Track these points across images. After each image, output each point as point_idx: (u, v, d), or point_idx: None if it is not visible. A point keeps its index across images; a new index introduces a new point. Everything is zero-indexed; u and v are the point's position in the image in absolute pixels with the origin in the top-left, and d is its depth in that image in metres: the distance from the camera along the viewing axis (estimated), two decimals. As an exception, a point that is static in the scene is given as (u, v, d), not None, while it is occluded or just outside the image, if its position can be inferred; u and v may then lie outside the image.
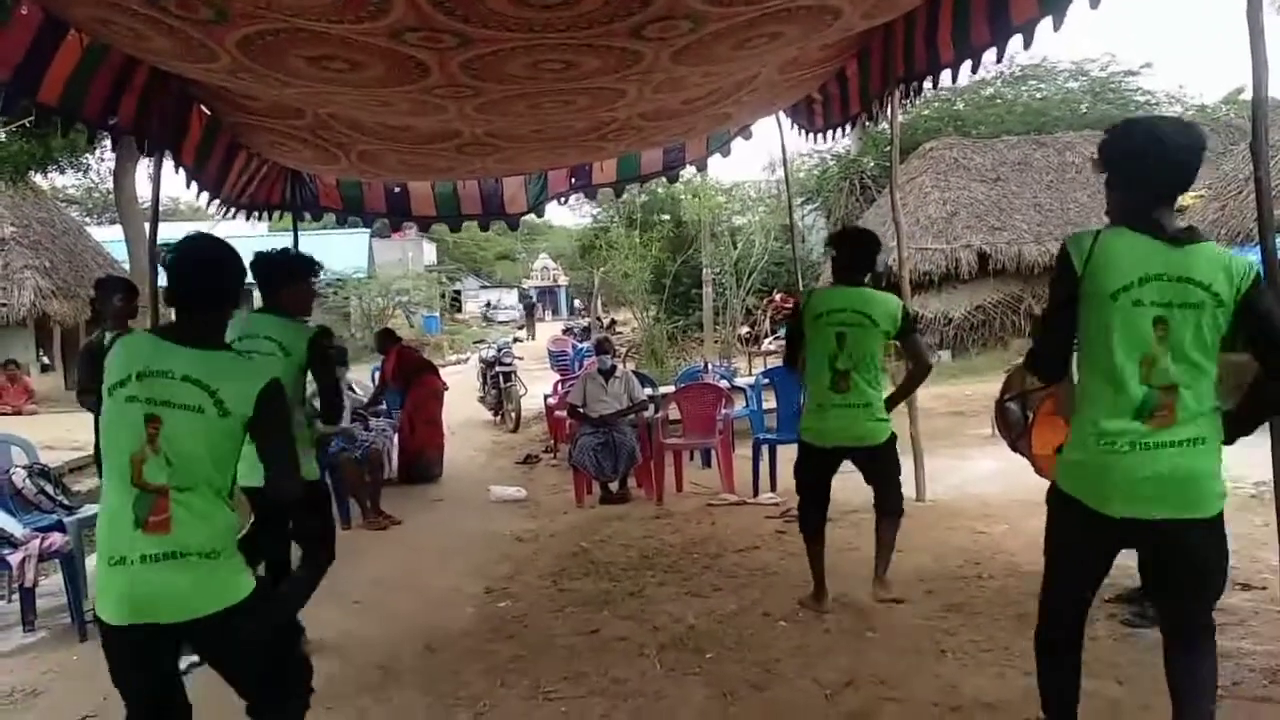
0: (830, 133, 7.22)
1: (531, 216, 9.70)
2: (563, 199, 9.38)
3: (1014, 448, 4.45)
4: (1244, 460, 7.08)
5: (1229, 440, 2.66)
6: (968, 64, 4.91)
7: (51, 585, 5.44)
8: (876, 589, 4.63)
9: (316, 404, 4.54)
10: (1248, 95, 3.45)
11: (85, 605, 5.01)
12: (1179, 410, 2.53)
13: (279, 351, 4.14)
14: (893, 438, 4.62)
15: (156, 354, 2.43)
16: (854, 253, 4.60)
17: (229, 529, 2.47)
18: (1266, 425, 3.36)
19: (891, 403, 4.65)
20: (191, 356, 2.44)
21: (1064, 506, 2.71)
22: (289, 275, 4.40)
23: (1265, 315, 2.56)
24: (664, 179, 9.53)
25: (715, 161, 8.73)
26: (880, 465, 4.61)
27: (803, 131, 7.66)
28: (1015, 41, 4.40)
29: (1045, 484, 4.26)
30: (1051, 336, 2.77)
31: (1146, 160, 2.53)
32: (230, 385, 2.44)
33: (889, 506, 4.64)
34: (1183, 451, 2.53)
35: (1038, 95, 24.81)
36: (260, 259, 4.28)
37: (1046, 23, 4.09)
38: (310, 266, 4.54)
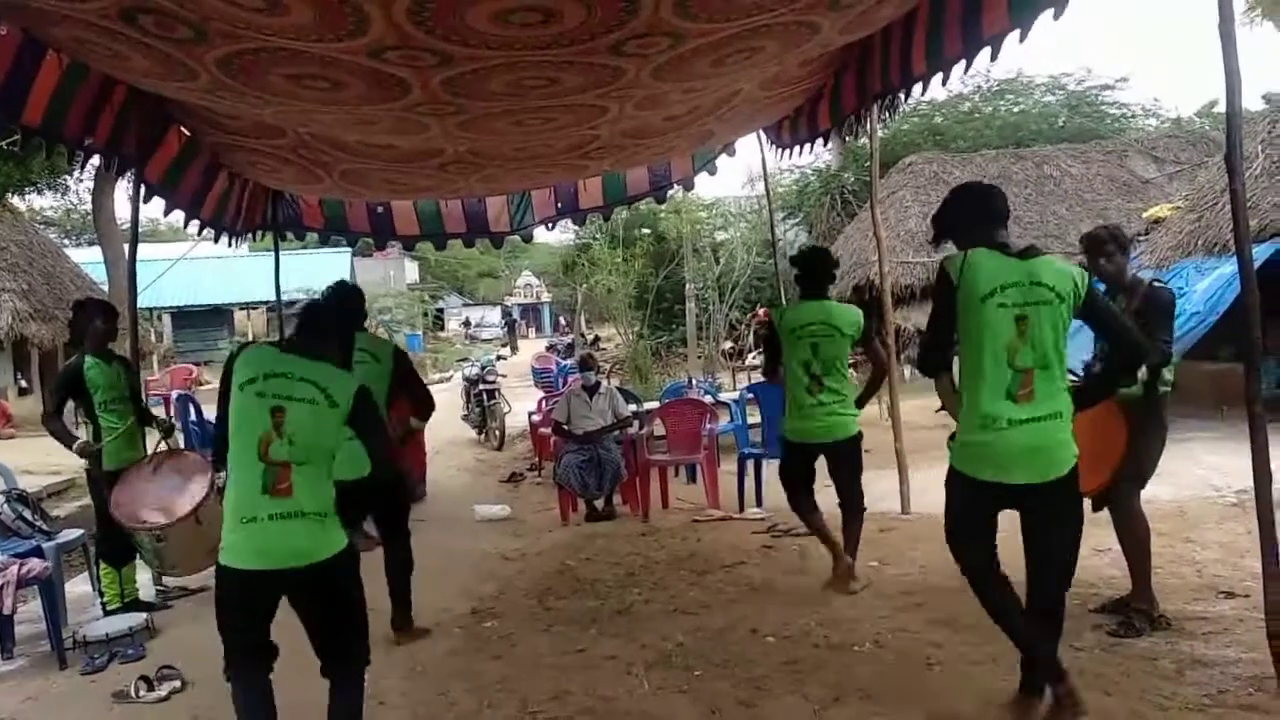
0: (799, 148, 7.25)
1: (515, 234, 9.67)
2: (550, 225, 9.36)
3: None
4: (1225, 469, 7.15)
5: (1080, 408, 3.30)
6: (938, 76, 4.95)
7: (30, 612, 5.36)
8: (850, 584, 5.06)
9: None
10: (1222, 108, 3.49)
11: (65, 632, 4.95)
12: (1037, 388, 3.17)
13: (371, 360, 4.87)
14: (860, 435, 5.19)
15: (279, 360, 3.18)
16: (817, 270, 5.24)
17: (332, 496, 3.17)
18: (1247, 433, 3.39)
19: (860, 403, 5.27)
20: (305, 363, 3.17)
21: (960, 480, 3.34)
22: (364, 304, 5.28)
23: (1103, 311, 3.32)
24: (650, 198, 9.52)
25: (698, 178, 8.75)
26: (846, 461, 5.15)
27: (773, 146, 7.71)
28: (984, 55, 4.45)
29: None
30: (936, 337, 3.43)
31: (982, 203, 3.41)
32: (335, 385, 3.16)
33: (853, 505, 5.18)
34: (1044, 426, 3.17)
35: (1015, 109, 25.04)
36: (347, 290, 5.09)
37: (1014, 35, 4.13)
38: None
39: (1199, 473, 7.23)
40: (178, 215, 6.47)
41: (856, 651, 4.24)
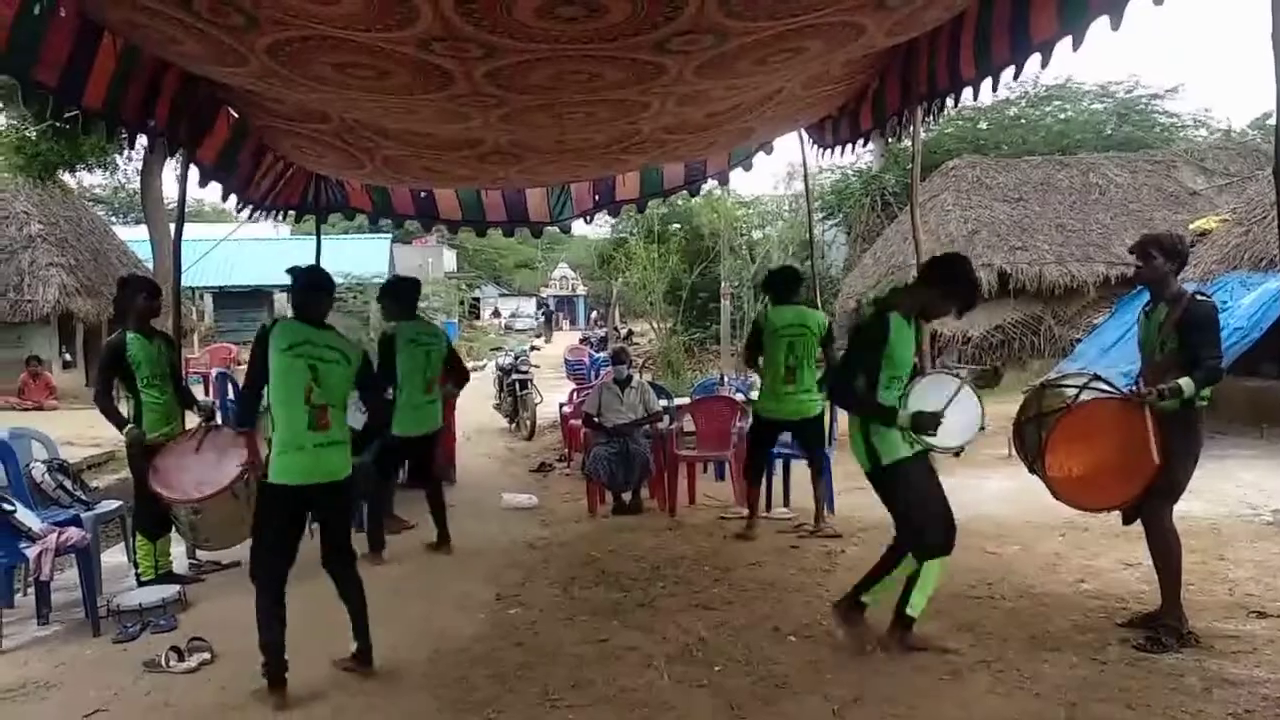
0: (840, 148, 7.23)
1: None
2: (588, 217, 9.40)
3: (1031, 470, 4.44)
4: (1263, 487, 7.02)
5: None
6: (988, 82, 4.92)
7: (67, 580, 5.49)
8: (821, 525, 6.46)
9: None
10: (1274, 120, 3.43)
11: (99, 600, 5.06)
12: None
13: (436, 343, 6.49)
14: (822, 413, 6.49)
15: (305, 331, 4.09)
16: (789, 284, 6.53)
17: (349, 429, 4.22)
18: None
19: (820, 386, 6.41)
20: (323, 334, 4.14)
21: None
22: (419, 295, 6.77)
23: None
24: (685, 192, 9.58)
25: (734, 175, 8.75)
26: (812, 432, 6.49)
27: (813, 145, 7.69)
28: (1035, 60, 4.40)
29: (1060, 506, 4.28)
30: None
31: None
32: (348, 349, 4.19)
33: (817, 465, 6.51)
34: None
35: (1061, 116, 24.71)
36: (410, 283, 6.78)
37: (1065, 42, 4.08)
38: None
39: (1235, 490, 7.12)
40: (214, 193, 6.60)
41: (879, 655, 4.23)
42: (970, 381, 4.24)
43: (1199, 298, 4.20)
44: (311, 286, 4.23)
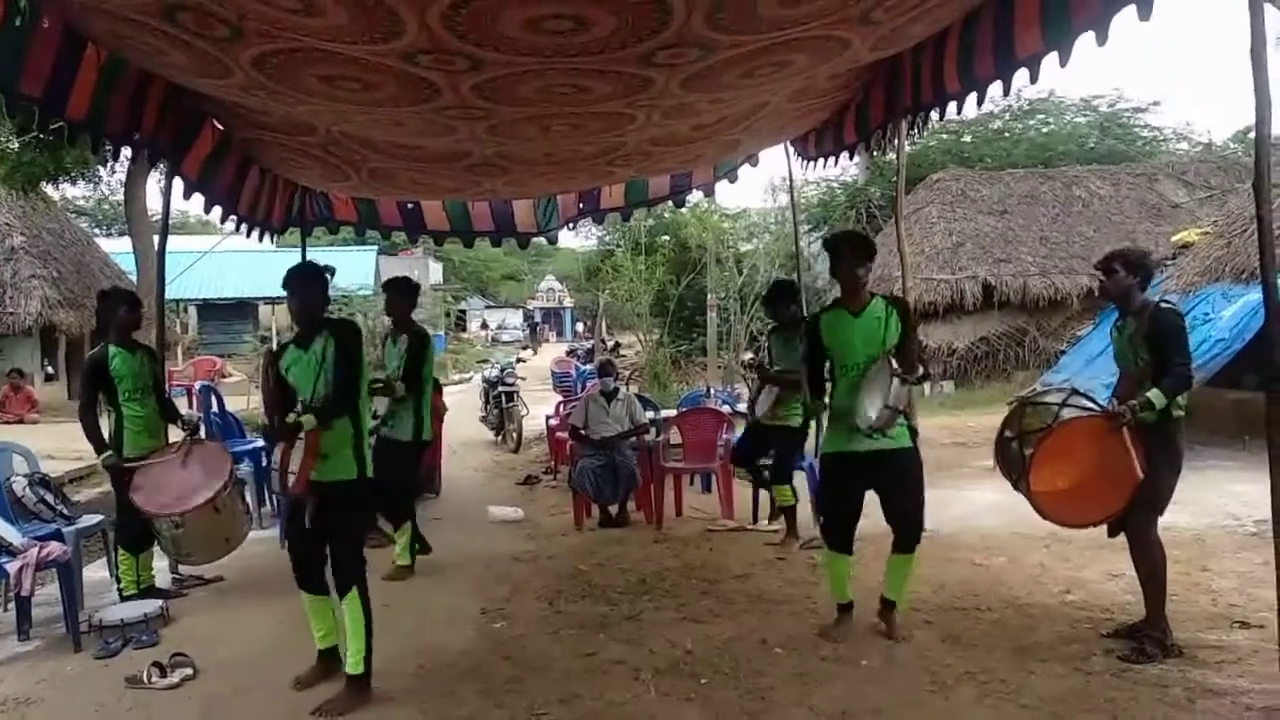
0: (824, 160, 7.26)
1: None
2: (572, 225, 9.41)
3: (1015, 487, 4.45)
4: (1246, 498, 7.07)
5: None
6: (973, 96, 4.95)
7: (48, 595, 5.42)
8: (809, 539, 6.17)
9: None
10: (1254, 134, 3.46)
11: (80, 615, 5.01)
12: None
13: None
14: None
15: None
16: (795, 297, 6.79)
17: None
18: (1269, 462, 3.36)
19: None
20: None
21: None
22: None
23: None
24: (671, 204, 9.62)
25: (721, 187, 8.79)
26: None
27: (799, 158, 7.73)
28: (1023, 75, 4.44)
29: (1044, 521, 4.29)
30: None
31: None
32: None
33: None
34: None
35: (1044, 129, 24.91)
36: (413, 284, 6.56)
37: (1053, 58, 4.11)
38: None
39: (1219, 501, 7.16)
40: (199, 206, 6.53)
41: (865, 666, 4.23)
42: (887, 361, 4.38)
43: (1163, 305, 4.24)
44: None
